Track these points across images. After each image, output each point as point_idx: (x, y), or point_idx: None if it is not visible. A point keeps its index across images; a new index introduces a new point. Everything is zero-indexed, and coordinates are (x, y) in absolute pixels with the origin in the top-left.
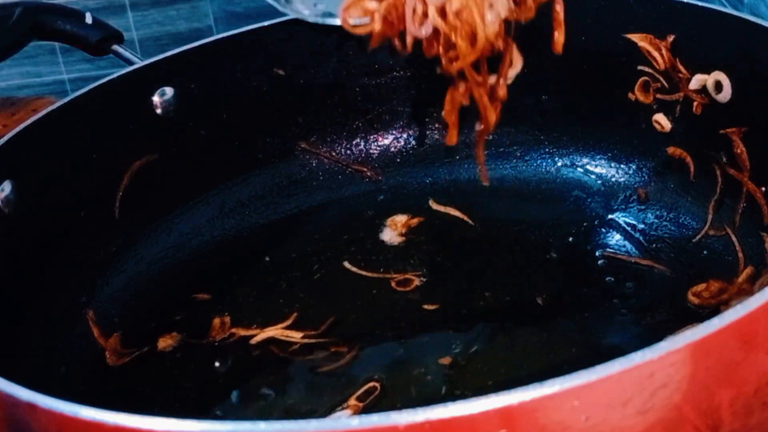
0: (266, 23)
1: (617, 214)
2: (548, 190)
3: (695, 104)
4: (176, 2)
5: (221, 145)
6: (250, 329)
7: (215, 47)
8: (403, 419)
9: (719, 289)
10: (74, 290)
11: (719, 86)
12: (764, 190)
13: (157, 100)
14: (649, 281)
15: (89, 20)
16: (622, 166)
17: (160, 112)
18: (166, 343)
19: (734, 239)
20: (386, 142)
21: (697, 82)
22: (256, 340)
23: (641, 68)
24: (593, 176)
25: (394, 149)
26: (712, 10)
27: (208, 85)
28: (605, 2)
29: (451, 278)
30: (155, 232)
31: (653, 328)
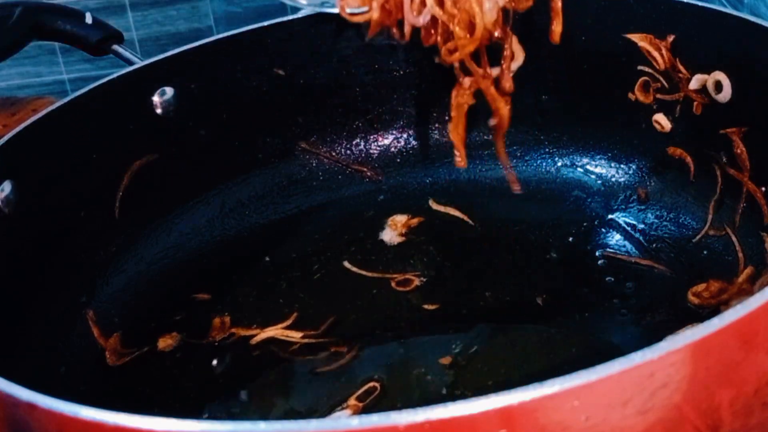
0: (266, 23)
1: (617, 214)
2: (548, 190)
3: (695, 104)
4: (176, 2)
5: (221, 145)
6: (250, 329)
7: (215, 47)
8: (403, 419)
9: (719, 289)
10: (74, 290)
11: (719, 86)
12: (764, 190)
13: (157, 100)
14: (649, 281)
15: (89, 20)
16: (622, 166)
17: (160, 112)
18: (166, 343)
19: (734, 239)
20: (386, 142)
21: (697, 82)
22: (256, 340)
23: (641, 68)
24: (593, 176)
25: (394, 149)
26: (712, 10)
27: (208, 85)
28: (605, 2)
29: (451, 278)
30: (155, 232)
31: (653, 328)
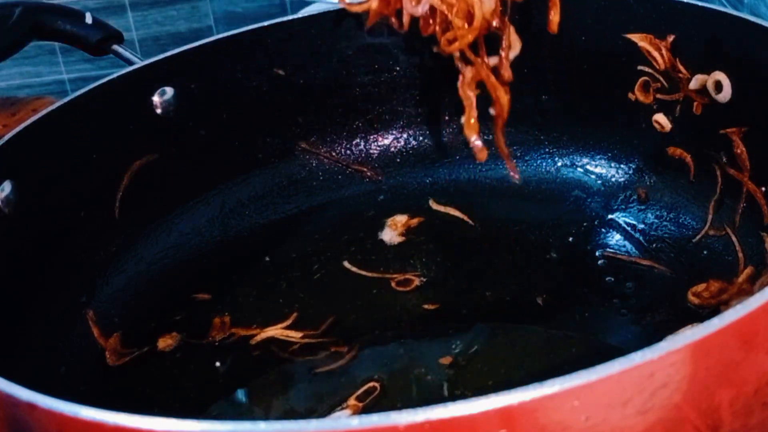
0: (266, 23)
1: (617, 214)
2: (548, 190)
3: (695, 104)
4: (176, 2)
5: (221, 145)
6: (250, 329)
7: (215, 47)
8: (403, 419)
9: (719, 289)
10: (74, 290)
11: (719, 86)
12: (764, 190)
13: (157, 100)
14: (649, 281)
15: (89, 20)
16: (622, 166)
17: (160, 112)
18: (166, 343)
19: (734, 239)
20: (386, 142)
21: (697, 82)
22: (256, 340)
23: (641, 68)
24: (593, 176)
25: (394, 149)
26: (712, 10)
27: (208, 85)
28: (605, 2)
29: (451, 278)
30: (155, 232)
31: (653, 328)
